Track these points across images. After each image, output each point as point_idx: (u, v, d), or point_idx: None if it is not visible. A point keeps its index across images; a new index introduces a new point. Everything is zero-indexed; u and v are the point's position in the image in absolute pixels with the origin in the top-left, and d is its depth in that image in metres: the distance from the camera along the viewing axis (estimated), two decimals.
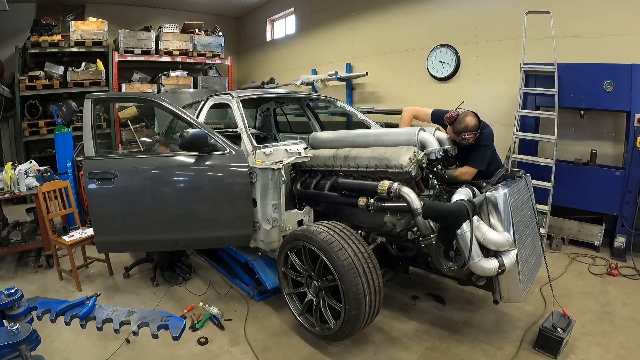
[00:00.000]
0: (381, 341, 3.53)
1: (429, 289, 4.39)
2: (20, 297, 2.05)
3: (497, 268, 2.88)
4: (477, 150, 3.74)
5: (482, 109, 6.63)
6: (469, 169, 3.68)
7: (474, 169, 3.69)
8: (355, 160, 3.73)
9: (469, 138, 3.62)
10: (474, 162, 3.71)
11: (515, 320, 3.70)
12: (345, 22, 9.30)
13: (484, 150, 3.76)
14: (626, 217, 5.14)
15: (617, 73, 5.05)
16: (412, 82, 7.90)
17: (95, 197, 3.92)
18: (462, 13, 7.01)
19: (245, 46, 13.32)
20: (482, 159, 3.74)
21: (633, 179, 5.06)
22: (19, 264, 5.32)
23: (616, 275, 4.69)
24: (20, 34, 9.32)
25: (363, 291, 3.02)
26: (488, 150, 3.80)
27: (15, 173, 5.22)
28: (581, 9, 5.63)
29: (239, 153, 3.91)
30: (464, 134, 3.60)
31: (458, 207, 2.84)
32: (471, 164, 3.71)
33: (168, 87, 10.19)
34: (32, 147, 9.47)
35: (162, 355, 3.37)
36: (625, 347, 3.36)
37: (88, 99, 4.13)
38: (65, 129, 6.71)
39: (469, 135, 3.60)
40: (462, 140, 3.65)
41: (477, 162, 3.72)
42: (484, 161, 3.75)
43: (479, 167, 3.71)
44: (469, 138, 3.62)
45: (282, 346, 3.50)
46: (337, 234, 3.21)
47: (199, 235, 4.04)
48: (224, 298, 4.33)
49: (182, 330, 2.12)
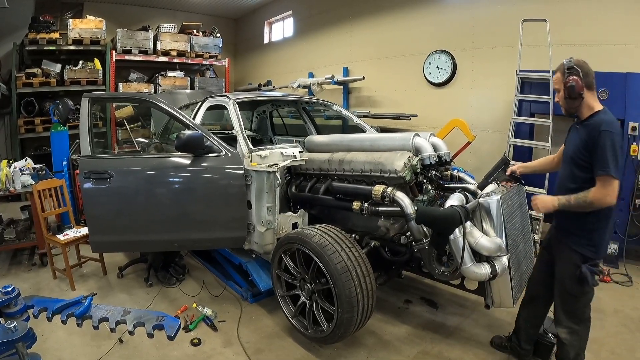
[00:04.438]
0: (374, 344, 3.54)
1: (422, 293, 4.41)
2: (17, 295, 2.05)
3: (489, 273, 2.90)
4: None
5: (477, 115, 6.76)
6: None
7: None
8: (350, 165, 3.75)
9: None
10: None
11: (507, 325, 3.72)
12: (342, 26, 9.34)
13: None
14: (619, 224, 5.17)
15: (611, 81, 5.08)
16: (409, 87, 7.94)
17: (91, 196, 3.92)
18: (459, 19, 7.05)
19: (242, 48, 13.34)
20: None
21: (626, 186, 5.08)
22: (12, 262, 5.31)
23: (608, 281, 4.73)
24: (18, 31, 9.33)
25: (356, 294, 3.03)
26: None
27: (10, 170, 5.21)
28: (577, 18, 5.69)
29: (235, 155, 3.92)
30: None
31: (451, 213, 2.86)
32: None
33: (165, 88, 10.19)
34: (28, 145, 9.45)
35: (155, 355, 3.37)
36: (616, 353, 3.39)
37: (85, 99, 4.14)
38: (61, 127, 6.70)
39: None
40: None
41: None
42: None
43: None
44: None
45: (275, 348, 3.51)
46: (331, 238, 3.23)
47: (193, 237, 4.04)
48: (217, 299, 4.33)
49: (177, 331, 2.13)
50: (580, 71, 2.57)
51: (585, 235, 2.67)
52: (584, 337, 2.85)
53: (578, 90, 2.56)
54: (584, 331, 2.84)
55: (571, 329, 2.81)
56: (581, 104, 2.62)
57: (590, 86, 2.61)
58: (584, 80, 2.56)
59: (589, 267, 2.64)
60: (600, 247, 2.69)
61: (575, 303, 2.80)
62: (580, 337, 2.83)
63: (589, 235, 2.66)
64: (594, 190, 2.49)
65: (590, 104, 2.62)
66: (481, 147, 6.64)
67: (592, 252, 2.67)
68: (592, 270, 2.64)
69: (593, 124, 2.56)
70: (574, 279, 2.70)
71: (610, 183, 2.44)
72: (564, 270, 2.81)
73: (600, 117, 2.56)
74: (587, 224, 2.65)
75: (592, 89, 2.62)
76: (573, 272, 2.70)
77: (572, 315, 2.81)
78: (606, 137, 2.44)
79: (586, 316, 2.83)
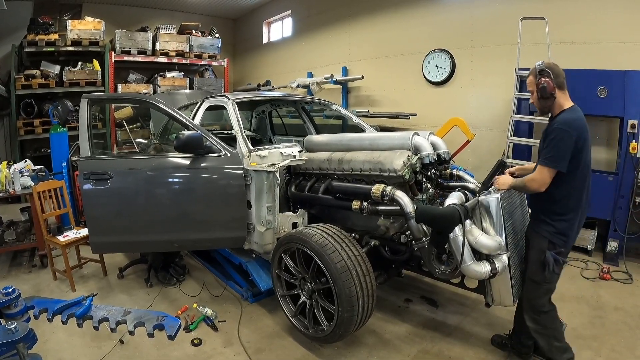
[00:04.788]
0: (374, 343, 3.54)
1: (422, 292, 4.41)
2: (18, 296, 2.05)
3: (489, 272, 2.89)
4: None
5: (476, 114, 6.77)
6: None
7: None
8: (350, 164, 3.75)
9: None
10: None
11: (507, 323, 3.72)
12: (341, 25, 9.34)
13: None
14: (619, 221, 5.18)
15: (610, 79, 5.09)
16: (408, 86, 7.94)
17: (91, 197, 3.92)
18: (458, 18, 7.05)
19: (241, 48, 13.34)
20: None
21: (626, 184, 5.11)
22: (12, 263, 5.31)
23: (608, 279, 4.72)
24: (16, 33, 9.32)
25: (356, 293, 3.04)
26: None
27: (10, 172, 5.21)
28: (576, 16, 5.69)
29: (234, 155, 3.92)
30: None
31: (450, 211, 2.86)
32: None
33: (164, 88, 10.20)
34: (27, 147, 9.45)
35: (155, 356, 3.37)
36: (617, 350, 3.39)
37: (84, 100, 4.14)
38: (60, 128, 6.71)
39: None
40: None
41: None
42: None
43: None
44: None
45: (276, 348, 3.51)
46: (331, 237, 3.23)
47: (193, 237, 4.04)
48: (217, 299, 4.33)
49: (178, 330, 2.14)
50: (551, 73, 2.74)
51: (553, 224, 2.81)
52: (549, 326, 2.98)
53: (550, 90, 2.73)
54: (546, 321, 2.97)
55: (532, 318, 2.98)
56: (553, 103, 2.80)
57: (561, 86, 2.78)
58: (554, 81, 2.73)
59: (553, 254, 2.80)
60: (569, 237, 2.84)
61: (535, 290, 2.95)
62: (545, 326, 2.97)
63: (557, 223, 2.81)
64: (530, 176, 2.77)
65: (560, 103, 2.79)
66: (480, 146, 6.65)
67: (561, 241, 2.82)
68: (556, 257, 2.81)
69: (555, 121, 2.76)
70: (538, 265, 2.87)
71: (541, 172, 2.69)
72: (531, 256, 2.96)
73: (561, 116, 2.75)
74: (554, 213, 2.81)
75: (563, 89, 2.79)
76: (538, 258, 2.87)
77: (532, 303, 2.98)
78: (556, 133, 2.66)
79: (545, 309, 2.97)
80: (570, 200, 2.78)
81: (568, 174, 2.68)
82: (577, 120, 2.70)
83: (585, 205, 2.89)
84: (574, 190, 2.76)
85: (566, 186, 2.73)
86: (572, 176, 2.71)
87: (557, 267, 2.83)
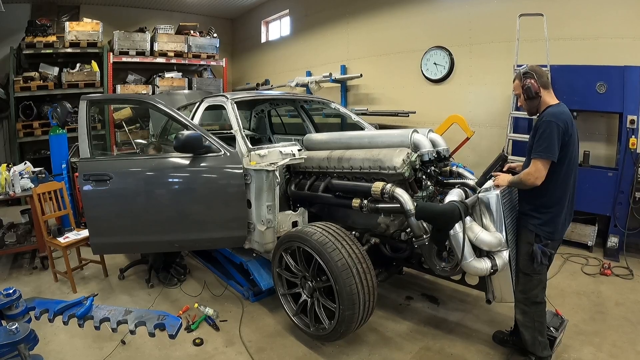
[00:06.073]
0: (375, 341, 3.55)
1: (423, 289, 4.42)
2: (19, 297, 2.05)
3: (490, 268, 2.90)
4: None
5: (475, 111, 6.77)
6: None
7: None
8: (349, 162, 3.75)
9: None
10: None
11: (509, 320, 3.72)
12: (339, 24, 9.33)
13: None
14: (619, 217, 5.18)
15: (609, 75, 5.09)
16: (406, 84, 7.94)
17: (91, 198, 3.92)
18: (456, 15, 7.04)
19: (240, 48, 13.33)
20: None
21: (625, 179, 5.11)
22: (13, 265, 5.31)
23: (609, 275, 4.73)
24: (14, 35, 9.31)
25: (357, 291, 3.04)
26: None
27: (10, 174, 5.21)
28: (574, 12, 5.69)
29: (234, 155, 3.92)
30: None
31: (450, 208, 2.86)
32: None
33: (163, 89, 10.19)
34: (27, 149, 9.44)
35: (157, 356, 3.37)
36: (618, 346, 3.39)
37: (83, 101, 4.14)
38: (60, 130, 6.70)
39: None
40: None
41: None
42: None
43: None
44: None
45: (277, 346, 3.51)
46: (331, 235, 3.23)
47: (193, 237, 4.04)
48: (218, 299, 4.34)
49: (178, 329, 2.13)
50: (534, 74, 2.86)
51: (540, 217, 2.88)
52: (537, 320, 3.00)
53: (535, 90, 2.85)
54: (536, 314, 3.00)
55: (523, 310, 3.03)
56: (540, 102, 2.90)
57: (546, 85, 2.90)
58: (538, 81, 2.86)
59: (540, 247, 2.87)
60: (555, 229, 2.91)
61: (527, 282, 2.99)
62: (533, 320, 3.00)
63: (543, 216, 2.87)
64: (526, 171, 2.81)
65: (546, 101, 2.89)
66: (480, 143, 6.65)
67: (547, 233, 2.88)
68: (543, 249, 2.86)
69: (542, 115, 2.85)
70: (527, 257, 2.94)
71: (536, 165, 2.73)
72: (520, 249, 3.02)
73: (547, 110, 2.83)
74: (540, 207, 2.88)
75: (547, 88, 2.91)
76: (526, 250, 2.94)
77: (525, 295, 3.01)
78: (545, 125, 2.73)
79: (538, 300, 3.00)
80: (555, 193, 2.85)
81: (554, 165, 2.75)
82: (564, 114, 2.78)
83: (572, 198, 2.96)
84: (559, 183, 2.83)
85: (552, 178, 2.79)
86: (558, 168, 2.77)
87: (545, 258, 2.88)
